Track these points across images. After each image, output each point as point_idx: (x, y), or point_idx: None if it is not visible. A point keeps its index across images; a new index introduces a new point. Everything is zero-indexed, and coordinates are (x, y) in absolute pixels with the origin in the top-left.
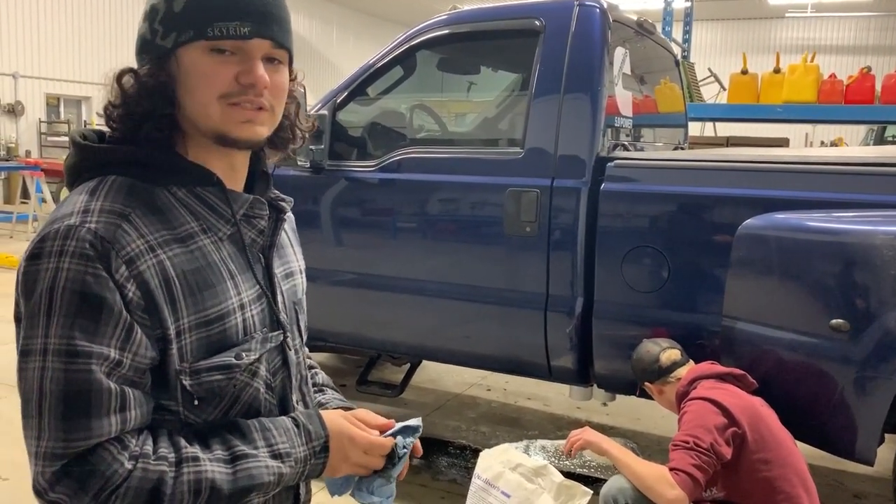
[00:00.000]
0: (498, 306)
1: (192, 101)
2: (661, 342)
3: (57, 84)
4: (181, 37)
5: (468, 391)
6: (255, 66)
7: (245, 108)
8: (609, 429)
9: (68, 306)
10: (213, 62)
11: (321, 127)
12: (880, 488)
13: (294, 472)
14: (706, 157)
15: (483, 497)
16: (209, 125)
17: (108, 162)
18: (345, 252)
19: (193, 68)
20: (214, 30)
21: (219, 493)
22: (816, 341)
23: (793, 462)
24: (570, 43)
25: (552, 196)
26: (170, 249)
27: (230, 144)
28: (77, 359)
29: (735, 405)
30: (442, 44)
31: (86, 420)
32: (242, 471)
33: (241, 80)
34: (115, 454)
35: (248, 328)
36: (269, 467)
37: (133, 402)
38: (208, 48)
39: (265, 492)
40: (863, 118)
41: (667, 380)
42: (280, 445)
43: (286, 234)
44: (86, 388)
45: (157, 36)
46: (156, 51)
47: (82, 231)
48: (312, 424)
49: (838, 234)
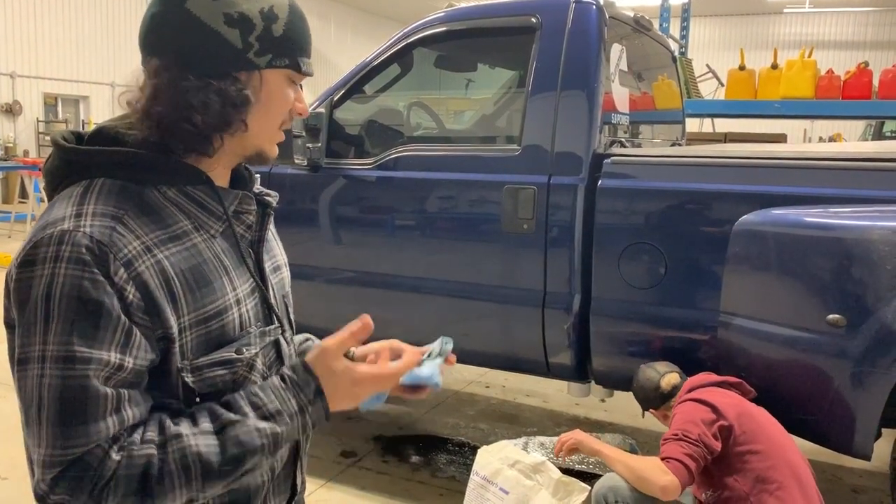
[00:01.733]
0: (496, 303)
1: (262, 123)
2: (659, 367)
3: (55, 83)
4: (276, 60)
5: (467, 388)
6: (303, 98)
7: (282, 132)
8: (608, 425)
9: (66, 312)
10: (290, 91)
11: (318, 125)
12: (878, 483)
13: (293, 427)
14: (703, 154)
15: (481, 494)
16: (259, 145)
17: (94, 164)
18: (342, 250)
19: (278, 93)
20: (304, 65)
21: (209, 465)
22: (813, 336)
23: (784, 454)
24: (567, 40)
25: (549, 193)
26: (166, 249)
27: (260, 161)
28: (75, 365)
29: (721, 402)
30: (439, 41)
31: (83, 426)
32: (230, 439)
33: (294, 111)
34: (107, 450)
35: (245, 323)
36: (259, 430)
37: (129, 403)
38: (288, 77)
39: (266, 454)
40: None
41: (670, 404)
42: (269, 406)
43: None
44: (82, 396)
45: (250, 50)
46: (245, 65)
47: (77, 235)
48: (298, 374)
49: (835, 229)
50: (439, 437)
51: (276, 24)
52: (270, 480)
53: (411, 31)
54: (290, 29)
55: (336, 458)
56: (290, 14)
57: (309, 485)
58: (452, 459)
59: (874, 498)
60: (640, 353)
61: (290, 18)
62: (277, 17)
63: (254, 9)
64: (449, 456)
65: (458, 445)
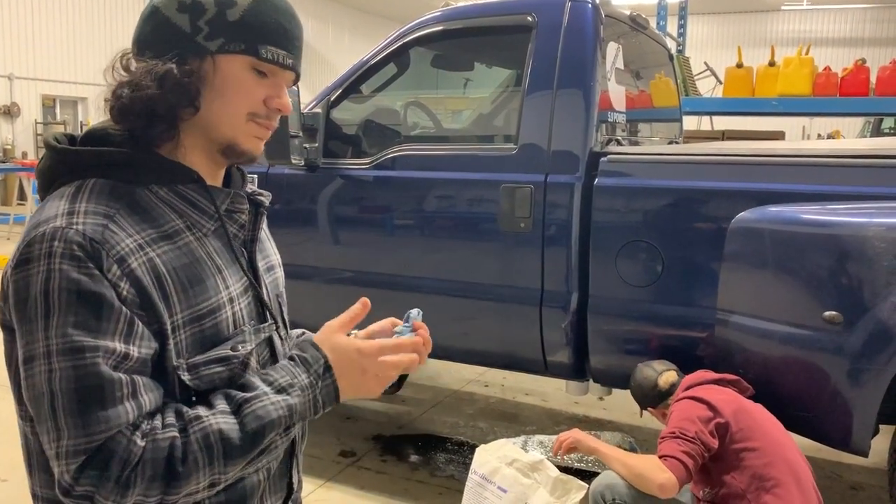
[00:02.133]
0: (493, 302)
1: (219, 110)
2: (656, 366)
3: (53, 85)
4: (229, 46)
5: (466, 387)
6: (284, 94)
7: (261, 127)
8: (607, 423)
9: (66, 306)
10: (253, 80)
11: (315, 125)
12: (877, 479)
13: (304, 401)
14: (699, 151)
15: (479, 492)
16: (226, 136)
17: (86, 165)
18: (340, 250)
19: (234, 80)
20: (267, 53)
21: (230, 442)
22: (810, 333)
23: (781, 451)
24: (563, 38)
25: (546, 192)
26: (158, 247)
27: (236, 156)
28: (84, 354)
29: (718, 399)
30: (435, 40)
31: (102, 412)
32: (249, 414)
33: (270, 104)
34: (130, 436)
35: (238, 321)
36: (274, 403)
37: (144, 388)
38: (250, 65)
39: (282, 428)
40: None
41: (667, 402)
42: (281, 380)
43: (263, 228)
44: (97, 382)
45: (199, 34)
46: (193, 48)
47: (70, 232)
48: (307, 351)
49: (831, 226)
50: (438, 437)
51: (232, 9)
52: (266, 479)
53: (408, 30)
54: (250, 15)
55: (335, 457)
56: (256, 3)
57: (308, 484)
58: (451, 458)
59: (873, 494)
60: (637, 351)
61: (255, 6)
62: (235, 3)
63: None
64: (448, 455)
65: (457, 444)
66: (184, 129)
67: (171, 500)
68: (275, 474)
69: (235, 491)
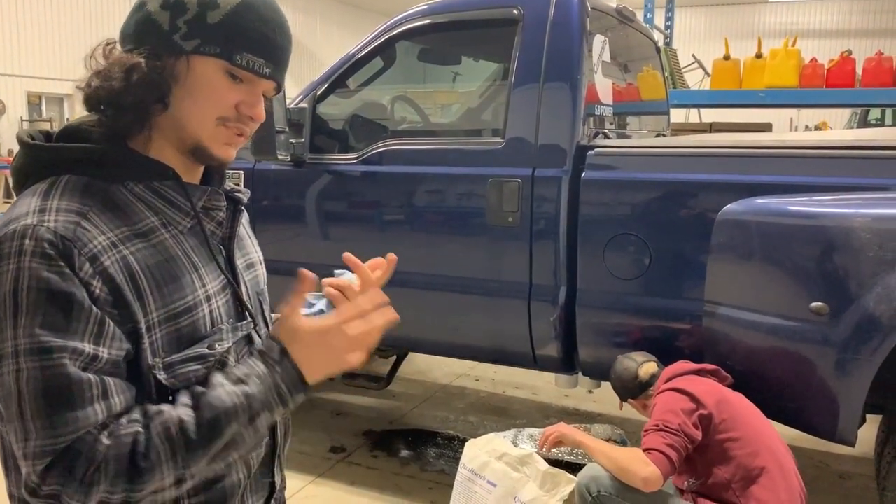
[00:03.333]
0: (482, 297)
1: (188, 110)
2: (636, 357)
3: (38, 82)
4: (205, 47)
5: (456, 381)
6: (258, 102)
7: (232, 132)
8: (597, 416)
9: (35, 305)
10: (226, 85)
11: (301, 120)
12: (864, 469)
13: (264, 388)
14: (685, 144)
15: (469, 487)
16: (194, 137)
17: (61, 161)
18: (328, 246)
19: (206, 82)
20: (242, 59)
21: (189, 434)
22: (797, 324)
23: (764, 440)
24: (549, 32)
25: (533, 185)
26: (132, 245)
27: (205, 159)
28: (51, 355)
29: (700, 390)
30: (421, 34)
31: (70, 413)
32: (204, 405)
33: (242, 111)
34: (97, 436)
35: (216, 319)
36: (229, 392)
37: (115, 389)
38: (225, 69)
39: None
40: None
41: (648, 393)
42: (238, 372)
43: (243, 226)
44: (65, 383)
45: (177, 32)
46: (169, 47)
47: (41, 230)
48: (263, 343)
49: (816, 217)
50: (429, 431)
51: (213, 11)
52: (247, 478)
53: (394, 24)
54: (231, 20)
55: (325, 453)
56: (240, 7)
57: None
58: (442, 453)
59: (861, 484)
60: (625, 344)
61: (237, 11)
62: (217, 6)
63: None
64: (438, 450)
65: (448, 439)
66: (155, 125)
67: (136, 498)
68: (256, 473)
69: (215, 491)
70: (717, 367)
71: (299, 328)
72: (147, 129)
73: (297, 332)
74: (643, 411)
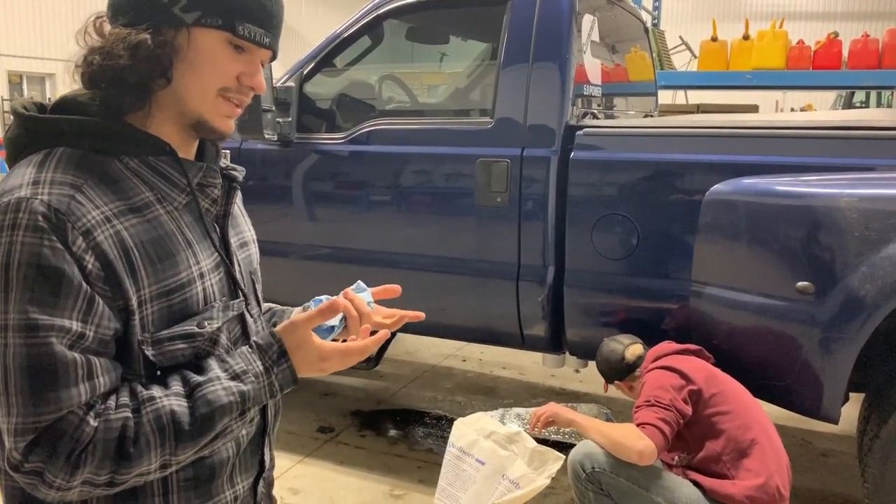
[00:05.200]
0: (471, 277)
1: (190, 83)
2: (623, 339)
3: (19, 61)
4: (205, 19)
5: (444, 362)
6: (258, 72)
7: (232, 104)
8: (583, 395)
9: (25, 280)
10: (228, 55)
11: (288, 99)
12: (846, 446)
13: (259, 387)
14: (673, 125)
15: (458, 465)
16: (196, 110)
17: (56, 133)
18: (316, 226)
19: (209, 53)
20: (244, 30)
21: (181, 426)
22: (783, 304)
23: (752, 413)
24: (538, 11)
25: (522, 166)
26: (126, 220)
27: (206, 132)
28: (38, 332)
29: (688, 367)
30: (409, 13)
31: (54, 392)
32: (200, 398)
33: (243, 81)
34: (82, 416)
35: (208, 297)
36: (226, 388)
37: (100, 370)
38: (227, 40)
39: (235, 413)
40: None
41: (635, 375)
42: (235, 367)
43: (237, 204)
44: (50, 362)
45: (176, 4)
46: (169, 19)
47: (34, 203)
48: (263, 338)
49: (803, 197)
50: (416, 411)
51: None
52: (236, 455)
53: (382, 2)
54: None
55: (313, 433)
56: None
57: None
58: (430, 432)
59: (842, 461)
60: (613, 324)
61: None
62: None
63: None
64: (426, 429)
65: (436, 418)
66: (155, 100)
67: (122, 480)
68: (245, 451)
69: (204, 467)
70: (700, 347)
71: (306, 342)
72: (147, 104)
73: (303, 344)
74: (629, 393)
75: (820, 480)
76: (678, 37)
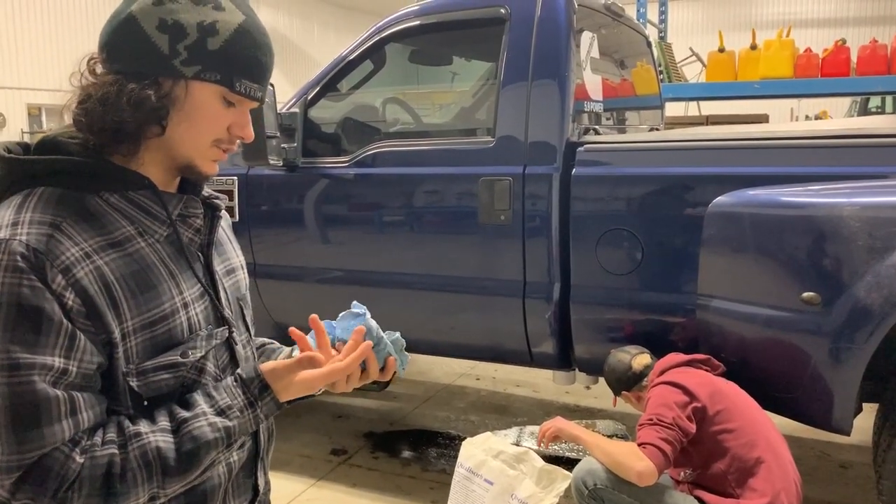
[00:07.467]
0: (477, 296)
1: (185, 133)
2: (630, 349)
3: (38, 94)
4: (205, 74)
5: (457, 381)
6: (248, 123)
7: (220, 151)
8: (597, 411)
9: (6, 320)
10: (222, 109)
11: (293, 125)
12: (865, 457)
13: (244, 421)
14: (673, 138)
15: (466, 485)
16: (186, 156)
17: (36, 173)
18: (324, 250)
19: (204, 107)
20: (241, 86)
21: (167, 461)
22: (789, 315)
23: (759, 429)
24: (536, 29)
25: (524, 183)
26: (106, 255)
27: (192, 174)
28: (20, 371)
29: (693, 383)
30: (410, 35)
31: (37, 430)
32: (185, 434)
33: (233, 132)
34: (68, 453)
35: (193, 326)
36: (212, 424)
37: (84, 405)
38: (221, 94)
39: (220, 448)
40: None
41: (642, 385)
42: (221, 402)
43: (224, 231)
44: (32, 399)
45: (177, 57)
46: (169, 71)
47: (13, 244)
48: (246, 372)
49: (806, 207)
50: (430, 431)
51: (213, 38)
52: (228, 480)
53: (383, 26)
54: (231, 46)
55: (326, 456)
56: (238, 34)
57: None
58: (443, 453)
59: (862, 473)
60: (620, 339)
61: (236, 38)
62: (217, 33)
63: (192, 20)
64: (439, 449)
65: (449, 438)
66: (146, 145)
67: None
68: (237, 475)
69: (196, 493)
70: (707, 356)
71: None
72: (138, 149)
73: (291, 384)
74: (637, 404)
75: (839, 493)
76: (689, 48)
